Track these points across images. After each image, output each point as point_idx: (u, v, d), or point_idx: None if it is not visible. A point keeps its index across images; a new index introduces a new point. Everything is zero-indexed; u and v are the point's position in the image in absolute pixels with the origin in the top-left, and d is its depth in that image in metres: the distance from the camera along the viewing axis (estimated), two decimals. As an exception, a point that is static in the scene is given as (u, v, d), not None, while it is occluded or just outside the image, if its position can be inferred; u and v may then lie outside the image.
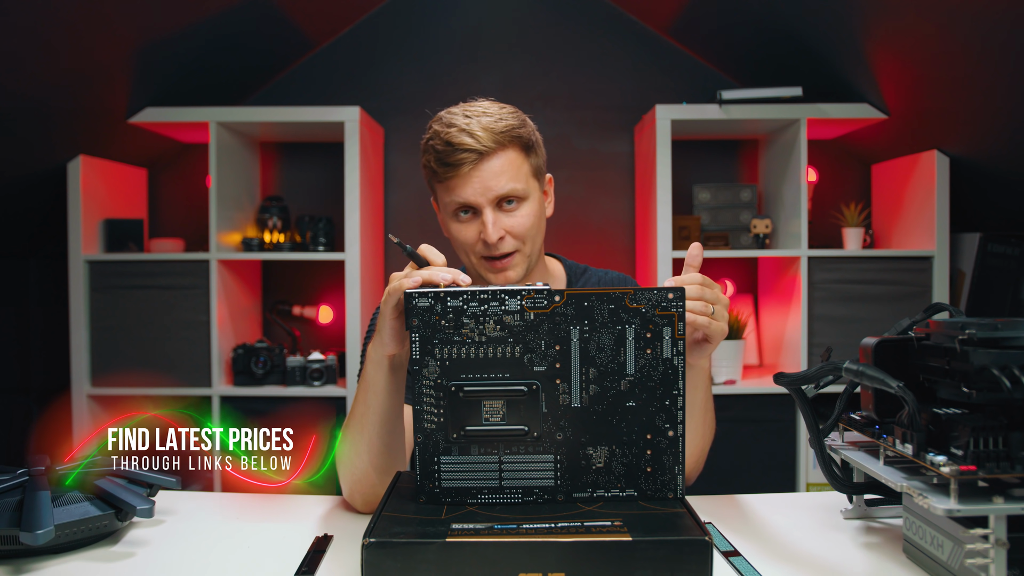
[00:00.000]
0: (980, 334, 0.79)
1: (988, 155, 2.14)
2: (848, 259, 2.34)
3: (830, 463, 1.01)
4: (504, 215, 1.19)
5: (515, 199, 1.19)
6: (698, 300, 1.00)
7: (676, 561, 0.81)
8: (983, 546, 0.75)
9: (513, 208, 1.20)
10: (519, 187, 1.18)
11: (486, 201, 1.17)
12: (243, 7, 2.16)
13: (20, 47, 1.76)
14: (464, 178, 1.16)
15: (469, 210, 1.19)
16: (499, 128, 1.16)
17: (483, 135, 1.15)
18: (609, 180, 2.76)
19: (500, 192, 1.17)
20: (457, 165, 1.15)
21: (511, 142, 1.18)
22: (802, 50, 2.32)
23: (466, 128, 1.15)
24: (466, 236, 1.20)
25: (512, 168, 1.18)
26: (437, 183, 1.21)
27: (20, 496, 0.93)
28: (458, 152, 1.14)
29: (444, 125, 1.17)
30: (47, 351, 2.67)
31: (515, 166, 1.19)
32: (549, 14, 2.77)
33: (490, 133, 1.16)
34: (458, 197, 1.18)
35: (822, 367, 0.94)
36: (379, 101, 2.72)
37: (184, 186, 2.78)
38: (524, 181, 1.20)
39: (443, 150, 1.16)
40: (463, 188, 1.17)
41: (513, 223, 1.19)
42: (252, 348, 2.38)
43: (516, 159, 1.19)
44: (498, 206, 1.19)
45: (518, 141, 1.19)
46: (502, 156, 1.17)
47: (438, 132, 1.17)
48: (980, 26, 1.70)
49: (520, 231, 1.20)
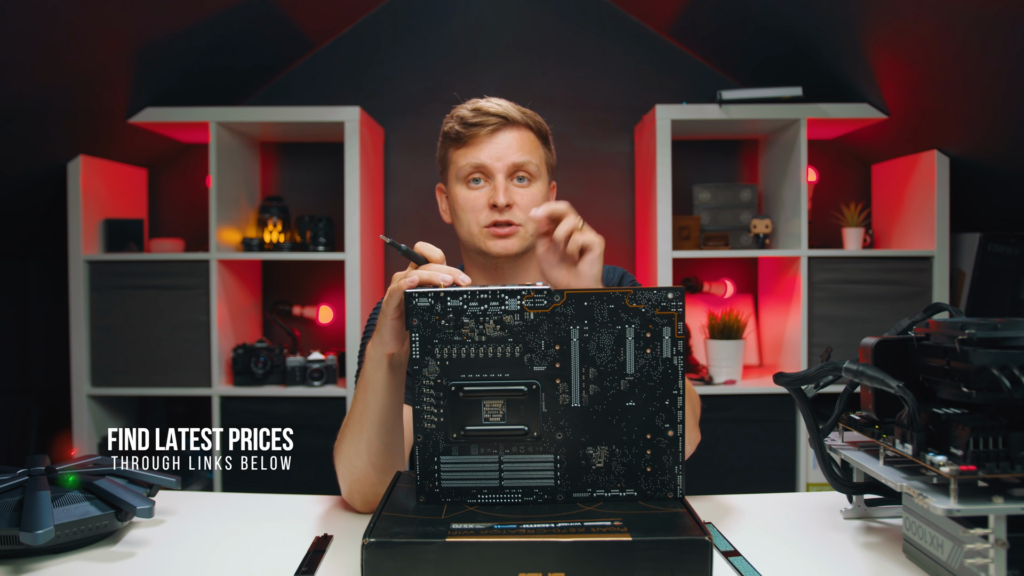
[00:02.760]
0: (980, 334, 0.79)
1: (988, 155, 2.14)
2: (848, 259, 2.34)
3: (830, 463, 1.01)
4: (514, 187, 1.23)
5: (527, 176, 1.23)
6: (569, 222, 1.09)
7: (676, 561, 0.81)
8: (983, 546, 0.75)
9: (524, 185, 1.23)
10: (533, 162, 1.23)
11: (501, 166, 1.21)
12: (243, 7, 2.16)
13: (20, 47, 1.76)
14: (484, 139, 1.21)
15: (480, 178, 1.23)
16: (523, 110, 1.25)
17: (509, 107, 1.23)
18: (609, 180, 2.76)
19: (516, 160, 1.21)
20: (480, 126, 1.21)
21: (531, 125, 1.25)
22: (802, 50, 2.32)
23: (494, 100, 1.23)
24: (475, 201, 1.23)
25: (530, 146, 1.24)
26: (455, 148, 1.24)
27: (20, 496, 0.93)
28: (483, 115, 1.21)
29: (470, 101, 1.24)
30: (47, 351, 2.67)
31: (532, 146, 1.24)
32: (549, 14, 2.77)
33: (515, 109, 1.23)
34: (474, 159, 1.21)
35: (822, 367, 0.94)
36: (379, 101, 2.72)
37: (184, 186, 2.78)
38: (538, 160, 1.25)
39: (468, 114, 1.21)
40: (481, 151, 1.21)
41: (520, 196, 1.23)
42: (252, 348, 2.38)
43: (534, 142, 1.25)
44: (509, 177, 1.22)
45: (538, 128, 1.26)
46: (522, 132, 1.24)
47: (464, 106, 1.24)
48: (980, 26, 1.70)
49: (526, 205, 1.23)
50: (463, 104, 1.26)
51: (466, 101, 1.27)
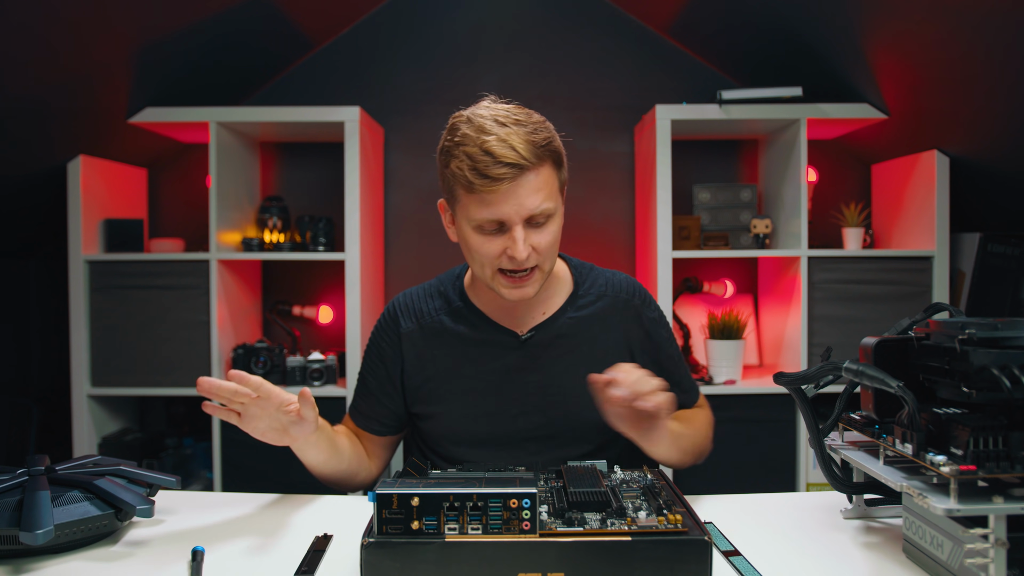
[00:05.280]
0: (980, 334, 0.79)
1: (988, 155, 2.14)
2: (848, 259, 2.34)
3: (830, 463, 1.01)
4: (532, 231, 1.15)
5: (544, 217, 1.15)
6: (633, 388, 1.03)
7: (676, 561, 0.81)
8: (983, 546, 0.75)
9: (541, 225, 1.15)
10: (551, 205, 1.14)
11: (519, 219, 1.12)
12: (243, 7, 2.16)
13: (20, 47, 1.76)
14: (502, 194, 1.10)
15: (495, 226, 1.14)
16: (538, 141, 1.12)
17: (524, 148, 1.09)
18: (609, 180, 2.76)
19: (534, 211, 1.12)
20: (497, 180, 1.09)
21: (547, 156, 1.14)
22: (802, 50, 2.32)
23: (506, 140, 1.09)
24: (489, 250, 1.15)
25: (547, 186, 1.14)
26: (468, 193, 1.12)
27: (20, 496, 0.93)
28: (500, 166, 1.08)
29: (477, 130, 1.11)
30: (47, 351, 2.67)
31: (549, 183, 1.15)
32: (549, 14, 2.77)
33: (531, 147, 1.10)
34: (491, 215, 1.11)
35: (822, 367, 0.95)
36: (379, 101, 2.72)
37: (184, 186, 2.78)
38: (555, 198, 1.16)
39: (482, 160, 1.09)
40: (499, 205, 1.10)
41: (539, 240, 1.15)
42: (252, 348, 2.38)
43: (550, 176, 1.15)
44: (527, 223, 1.14)
45: (552, 156, 1.15)
46: (540, 173, 1.12)
47: (472, 138, 1.10)
48: (980, 26, 1.70)
49: (545, 247, 1.16)
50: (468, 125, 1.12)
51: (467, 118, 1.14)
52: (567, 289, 1.34)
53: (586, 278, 1.36)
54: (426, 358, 1.29)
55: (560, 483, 0.99)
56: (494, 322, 1.29)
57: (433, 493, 0.82)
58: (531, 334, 1.28)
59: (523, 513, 0.82)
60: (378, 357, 1.33)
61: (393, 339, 1.32)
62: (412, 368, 1.30)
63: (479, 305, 1.31)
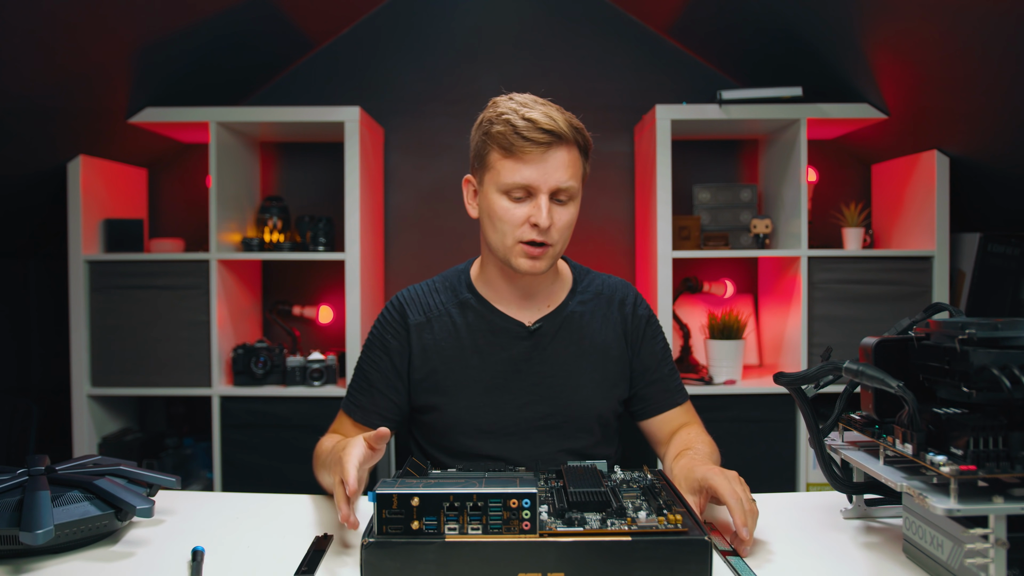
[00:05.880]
0: (980, 334, 0.79)
1: (988, 155, 2.14)
2: (848, 259, 2.34)
3: (830, 463, 1.01)
4: (555, 206, 1.21)
5: (567, 195, 1.21)
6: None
7: (676, 561, 0.81)
8: (983, 546, 0.75)
9: (563, 203, 1.21)
10: (575, 185, 1.21)
11: (546, 187, 1.18)
12: (243, 7, 2.16)
13: (20, 47, 1.76)
14: (535, 157, 1.17)
15: (524, 192, 1.20)
16: (574, 124, 1.21)
17: (562, 122, 1.18)
18: (609, 180, 2.76)
19: (561, 184, 1.19)
20: (535, 143, 1.16)
21: (579, 139, 1.21)
22: (802, 50, 2.32)
23: (547, 113, 1.18)
24: (514, 216, 1.20)
25: (575, 164, 1.21)
26: (504, 156, 1.19)
27: (20, 496, 0.93)
28: (537, 131, 1.16)
29: (520, 104, 1.20)
30: (47, 351, 2.67)
31: (577, 164, 1.22)
32: (549, 14, 2.77)
33: (568, 124, 1.19)
34: (520, 177, 1.18)
35: (822, 367, 0.94)
36: (379, 101, 2.72)
37: (184, 186, 2.78)
38: (579, 181, 1.23)
39: (522, 124, 1.16)
40: (530, 168, 1.18)
41: (559, 217, 1.21)
42: (252, 348, 2.38)
43: (578, 159, 1.22)
44: (552, 196, 1.20)
45: (582, 142, 1.23)
46: (571, 150, 1.20)
47: (514, 109, 1.19)
48: (980, 26, 1.70)
49: (562, 227, 1.22)
50: (509, 101, 1.22)
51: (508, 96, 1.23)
52: (568, 284, 1.38)
53: (584, 277, 1.41)
54: (433, 349, 1.32)
55: (560, 483, 0.99)
56: (503, 313, 1.32)
57: (433, 493, 0.82)
58: (539, 324, 1.31)
59: (523, 513, 0.82)
60: (382, 350, 1.34)
61: (400, 331, 1.34)
62: (419, 360, 1.32)
63: (487, 296, 1.34)
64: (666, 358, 1.39)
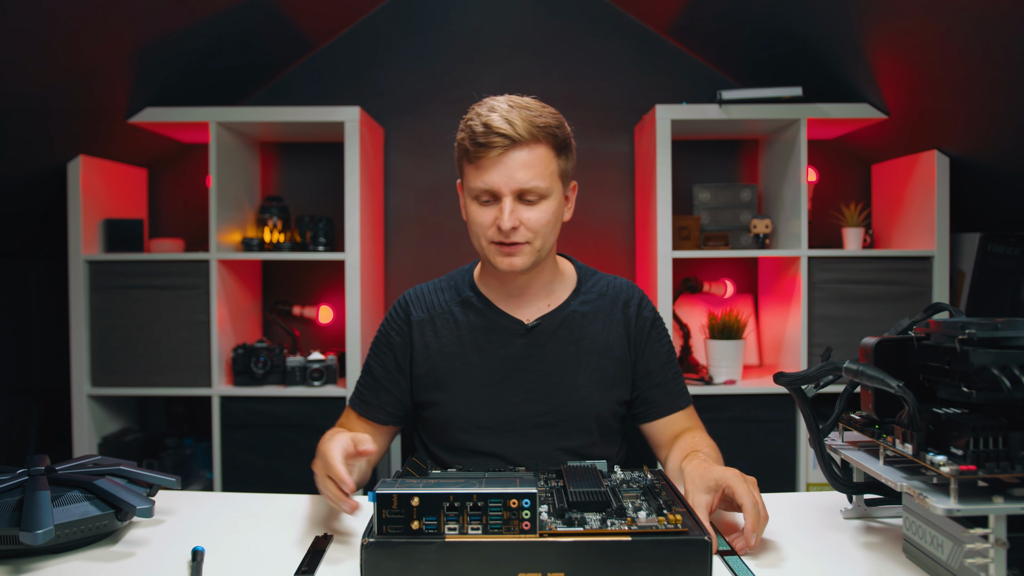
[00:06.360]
0: (980, 334, 0.79)
1: (988, 155, 2.14)
2: (848, 259, 2.34)
3: (830, 463, 1.01)
4: (522, 207, 1.22)
5: (536, 195, 1.21)
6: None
7: (676, 561, 0.81)
8: (983, 546, 0.75)
9: (533, 203, 1.22)
10: (541, 185, 1.21)
11: (508, 190, 1.20)
12: (243, 7, 2.16)
13: (20, 47, 1.76)
14: (492, 162, 1.19)
15: (490, 196, 1.22)
16: (537, 123, 1.20)
17: (520, 124, 1.19)
18: (609, 180, 2.76)
19: (524, 184, 1.20)
20: (489, 147, 1.18)
21: (545, 138, 1.22)
22: (802, 50, 2.32)
23: (506, 116, 1.19)
24: (482, 219, 1.23)
25: (540, 164, 1.21)
26: (467, 163, 1.23)
27: (20, 496, 0.93)
28: (492, 135, 1.18)
29: (486, 109, 1.22)
30: (47, 351, 2.67)
31: (543, 163, 1.21)
32: (549, 14, 2.77)
33: (527, 125, 1.19)
34: (482, 183, 1.20)
35: (822, 367, 0.94)
36: (379, 101, 2.72)
37: (184, 186, 2.78)
38: (548, 179, 1.22)
39: (479, 131, 1.19)
40: (489, 173, 1.20)
41: (529, 216, 1.22)
42: (252, 348, 2.38)
43: (546, 156, 1.22)
44: (518, 198, 1.21)
45: (552, 139, 1.23)
46: (534, 150, 1.20)
47: (479, 114, 1.21)
48: (980, 26, 1.70)
49: (534, 226, 1.22)
50: (481, 106, 1.23)
51: (484, 101, 1.25)
52: (572, 285, 1.38)
53: (590, 278, 1.41)
54: (435, 346, 1.34)
55: (560, 483, 0.99)
56: (501, 310, 1.34)
57: (433, 493, 0.82)
58: (537, 323, 1.32)
59: (523, 513, 0.82)
60: (387, 346, 1.37)
61: (403, 328, 1.36)
62: (421, 356, 1.34)
63: (487, 294, 1.36)
64: (671, 361, 1.39)
